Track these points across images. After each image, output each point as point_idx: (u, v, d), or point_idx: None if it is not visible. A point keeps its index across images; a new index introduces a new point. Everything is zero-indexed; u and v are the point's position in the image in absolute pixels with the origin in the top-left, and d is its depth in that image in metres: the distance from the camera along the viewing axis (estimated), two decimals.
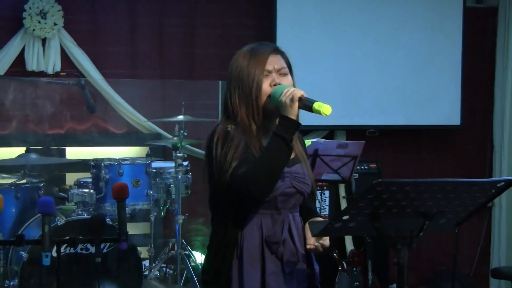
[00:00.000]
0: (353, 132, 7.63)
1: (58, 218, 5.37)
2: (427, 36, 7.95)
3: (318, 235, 2.94)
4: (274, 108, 3.01)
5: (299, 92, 2.93)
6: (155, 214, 6.36)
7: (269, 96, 3.02)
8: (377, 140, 7.69)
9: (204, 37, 7.40)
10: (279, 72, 3.08)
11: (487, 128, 8.44)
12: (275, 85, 3.03)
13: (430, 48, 7.97)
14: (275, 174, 2.92)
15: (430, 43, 7.96)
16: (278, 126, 2.94)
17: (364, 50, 7.78)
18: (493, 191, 2.90)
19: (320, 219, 3.19)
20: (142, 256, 5.72)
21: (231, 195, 2.98)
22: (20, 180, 5.69)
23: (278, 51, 3.13)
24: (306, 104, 2.93)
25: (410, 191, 2.69)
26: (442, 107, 8.04)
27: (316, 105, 2.92)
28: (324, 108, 2.91)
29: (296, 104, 2.92)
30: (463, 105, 8.05)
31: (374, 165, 7.34)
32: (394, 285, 7.81)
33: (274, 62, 3.08)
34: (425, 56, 7.96)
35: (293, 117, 2.92)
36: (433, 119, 8.07)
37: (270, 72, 3.06)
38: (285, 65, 3.12)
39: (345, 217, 2.76)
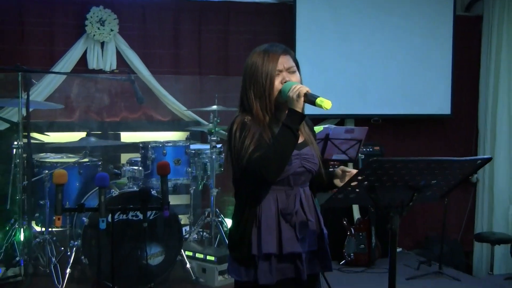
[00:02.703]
0: (360, 120, 7.56)
1: (113, 190, 5.42)
2: (423, 39, 7.91)
3: (324, 205, 2.92)
4: (283, 102, 2.95)
5: (304, 89, 2.89)
6: (194, 187, 6.37)
7: (280, 91, 2.96)
8: (381, 127, 7.65)
9: (236, 41, 7.37)
10: (288, 70, 3.01)
11: (473, 117, 8.44)
12: (285, 82, 2.98)
13: (426, 50, 7.95)
14: (284, 158, 2.88)
15: (425, 45, 7.93)
16: (286, 117, 2.89)
17: (370, 51, 7.74)
18: (472, 168, 2.93)
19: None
20: (182, 222, 5.74)
21: (248, 176, 2.93)
22: (82, 159, 5.74)
23: (287, 52, 3.05)
24: (310, 99, 2.88)
25: (401, 168, 2.70)
26: (435, 99, 8.04)
27: (318, 100, 2.87)
28: (325, 103, 2.86)
29: (302, 99, 2.88)
30: (453, 98, 8.05)
31: (378, 148, 7.39)
32: None
33: (284, 62, 3.00)
34: (421, 56, 7.94)
35: (299, 110, 2.89)
36: (427, 109, 8.05)
37: (280, 71, 2.98)
38: (293, 64, 3.04)
39: (347, 189, 2.76)
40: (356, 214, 7.07)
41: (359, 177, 2.72)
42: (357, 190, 2.78)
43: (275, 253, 2.95)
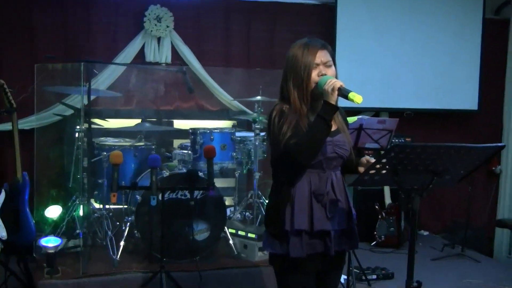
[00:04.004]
0: (394, 113, 7.44)
1: (164, 171, 5.43)
2: (454, 39, 7.85)
3: (351, 185, 3.00)
4: (319, 93, 2.93)
5: (338, 83, 2.88)
6: (239, 172, 6.37)
7: (316, 84, 2.95)
8: (413, 120, 7.60)
9: (282, 40, 7.30)
10: (325, 64, 2.99)
11: (499, 113, 8.34)
12: (321, 75, 2.96)
13: (456, 49, 7.87)
14: (317, 145, 2.90)
15: (456, 45, 7.87)
16: (321, 109, 2.89)
17: (403, 49, 7.69)
18: (487, 154, 2.93)
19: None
20: (228, 203, 5.78)
21: (284, 160, 2.94)
22: (137, 143, 5.76)
23: (325, 47, 3.03)
24: (343, 93, 2.86)
25: (421, 153, 2.73)
26: (464, 96, 7.95)
27: (350, 95, 2.84)
28: (357, 97, 2.83)
29: (336, 93, 2.87)
30: (480, 95, 7.97)
31: (409, 139, 7.31)
32: (422, 231, 7.83)
33: (321, 56, 2.98)
34: (452, 54, 7.85)
35: (333, 102, 2.88)
36: (456, 105, 7.96)
37: (318, 64, 2.97)
38: (330, 59, 3.02)
39: (372, 171, 2.80)
40: (388, 200, 7.07)
41: (383, 160, 2.73)
42: (382, 172, 2.78)
43: (307, 230, 2.97)
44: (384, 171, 2.80)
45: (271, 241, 3.06)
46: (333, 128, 3.03)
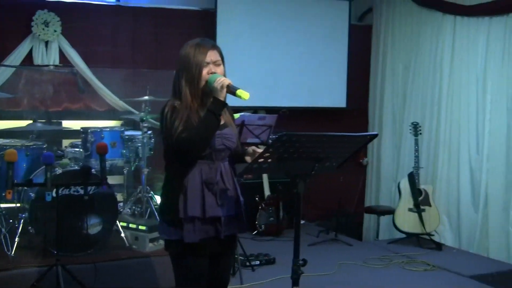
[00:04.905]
0: (271, 111, 7.44)
1: (57, 168, 5.29)
2: (324, 43, 8.11)
3: (242, 172, 3.03)
4: (209, 90, 3.02)
5: (227, 81, 2.98)
6: (127, 169, 6.31)
7: (206, 82, 3.03)
8: (288, 117, 7.66)
9: (166, 43, 7.34)
10: (215, 63, 3.08)
11: (364, 110, 8.64)
12: (211, 73, 3.04)
13: (326, 52, 8.13)
14: (207, 138, 2.98)
15: (326, 49, 8.13)
16: (211, 104, 2.98)
17: (279, 53, 7.87)
18: (362, 142, 3.08)
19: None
20: (118, 199, 5.68)
21: (177, 152, 3.02)
22: (28, 143, 5.61)
23: (215, 47, 3.11)
24: (232, 90, 2.98)
25: (306, 141, 2.79)
26: (333, 94, 8.24)
27: (238, 92, 2.96)
28: (244, 94, 2.95)
29: (224, 90, 2.97)
30: (348, 94, 8.28)
31: None
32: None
33: (212, 56, 3.07)
34: (322, 58, 8.12)
35: (222, 98, 2.98)
36: (327, 102, 8.27)
37: (208, 63, 3.05)
38: (219, 58, 3.11)
39: (260, 160, 2.84)
40: (267, 192, 7.23)
41: (271, 149, 2.78)
42: (269, 160, 2.83)
43: (199, 216, 3.03)
44: (271, 160, 2.83)
45: (166, 228, 3.11)
46: (221, 122, 3.10)
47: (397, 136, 8.13)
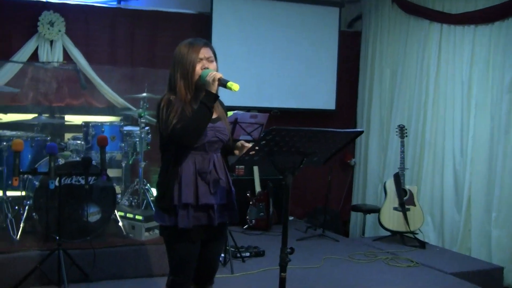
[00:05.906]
0: (263, 111, 7.47)
1: (60, 159, 5.40)
2: (314, 48, 8.17)
3: (234, 164, 3.10)
4: (202, 84, 3.10)
5: (218, 75, 3.06)
6: (125, 162, 6.35)
7: (199, 76, 3.11)
8: (279, 118, 7.75)
9: (163, 44, 7.41)
10: (208, 59, 3.16)
11: (352, 113, 8.72)
12: (204, 68, 3.13)
13: (316, 57, 8.19)
14: (200, 128, 3.05)
15: (316, 54, 8.18)
16: (204, 97, 3.05)
17: (271, 56, 7.94)
18: (349, 138, 3.09)
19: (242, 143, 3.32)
20: (116, 191, 5.72)
21: (172, 142, 3.09)
22: (33, 135, 5.71)
23: (207, 45, 3.20)
24: (223, 83, 3.05)
25: (294, 136, 2.83)
26: (323, 97, 8.28)
27: (228, 84, 3.04)
28: (234, 86, 3.03)
29: (216, 83, 3.05)
30: (337, 97, 8.32)
31: None
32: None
33: (204, 52, 3.15)
34: (313, 62, 8.17)
35: (214, 91, 3.06)
36: (317, 105, 8.30)
37: (201, 59, 3.14)
38: (212, 55, 3.19)
39: (252, 152, 2.91)
40: (258, 188, 7.30)
41: (262, 142, 2.82)
42: (260, 153, 2.88)
43: (192, 203, 3.11)
44: (262, 153, 2.85)
45: (161, 215, 3.16)
46: (214, 115, 3.16)
47: (384, 138, 8.16)
